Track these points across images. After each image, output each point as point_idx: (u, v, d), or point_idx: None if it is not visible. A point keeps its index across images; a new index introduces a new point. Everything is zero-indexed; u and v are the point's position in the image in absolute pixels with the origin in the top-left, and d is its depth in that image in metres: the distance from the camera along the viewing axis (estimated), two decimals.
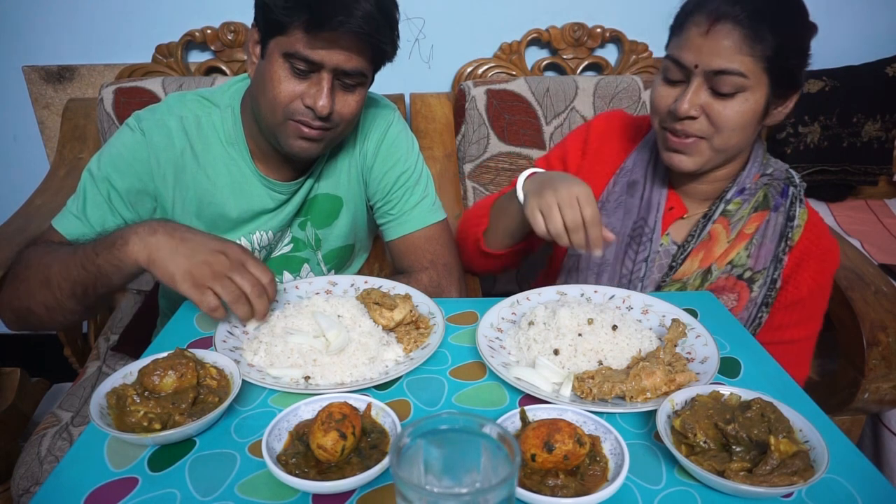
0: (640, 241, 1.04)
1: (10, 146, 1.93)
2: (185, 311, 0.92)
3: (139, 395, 0.67)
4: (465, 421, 0.49)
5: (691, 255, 1.03)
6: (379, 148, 1.12)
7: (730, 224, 1.02)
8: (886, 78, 1.89)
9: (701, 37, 0.88)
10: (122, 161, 1.00)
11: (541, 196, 0.87)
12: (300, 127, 0.94)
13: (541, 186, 0.89)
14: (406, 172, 1.13)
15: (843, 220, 1.89)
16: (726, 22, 0.86)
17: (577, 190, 0.85)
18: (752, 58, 0.87)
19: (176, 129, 1.02)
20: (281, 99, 0.92)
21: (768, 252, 1.02)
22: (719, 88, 0.89)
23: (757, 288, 1.02)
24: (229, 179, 1.05)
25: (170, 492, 0.59)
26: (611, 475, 0.59)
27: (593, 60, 1.86)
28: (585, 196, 0.85)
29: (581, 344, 0.78)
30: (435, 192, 1.18)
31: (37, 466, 1.13)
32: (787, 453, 0.59)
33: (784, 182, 1.04)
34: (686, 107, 0.90)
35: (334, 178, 1.12)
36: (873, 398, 1.26)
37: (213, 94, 1.07)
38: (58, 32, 1.79)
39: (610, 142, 1.12)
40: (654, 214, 1.04)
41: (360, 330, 0.82)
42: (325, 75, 0.91)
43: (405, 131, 1.16)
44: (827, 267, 1.03)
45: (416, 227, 1.13)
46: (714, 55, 0.88)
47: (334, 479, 0.57)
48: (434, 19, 1.83)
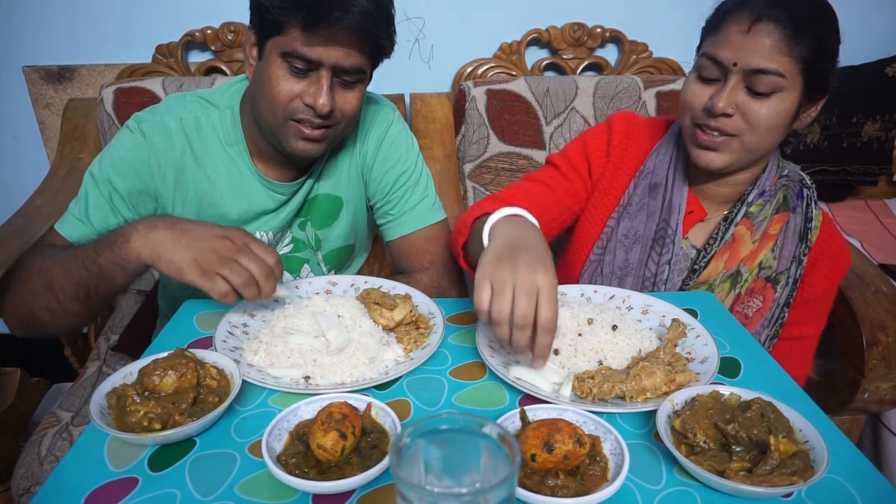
0: (664, 243, 1.04)
1: (10, 146, 1.93)
2: (185, 311, 0.92)
3: (139, 395, 0.67)
4: (465, 421, 0.49)
5: (715, 257, 1.03)
6: (379, 148, 1.12)
7: (753, 225, 1.03)
8: (886, 78, 1.89)
9: (741, 35, 0.88)
10: (123, 163, 1.00)
11: (497, 266, 0.71)
12: (301, 127, 0.94)
13: (503, 253, 0.73)
14: (406, 172, 1.13)
15: (843, 220, 1.89)
16: (768, 21, 0.87)
17: (540, 279, 0.69)
18: (790, 58, 0.87)
19: (176, 129, 1.02)
20: (281, 99, 0.92)
21: (789, 253, 1.03)
22: (756, 87, 0.89)
23: (780, 289, 1.04)
24: (229, 180, 1.05)
25: (170, 492, 0.59)
26: (611, 475, 0.59)
27: (593, 60, 1.86)
28: (548, 289, 0.69)
29: (581, 344, 0.78)
30: (435, 192, 1.18)
31: (37, 466, 1.13)
32: (787, 453, 0.59)
33: (799, 183, 1.06)
34: (723, 104, 0.90)
35: (334, 178, 1.12)
36: (873, 398, 1.26)
37: (212, 94, 1.07)
38: (58, 32, 1.79)
39: (632, 143, 1.11)
40: (676, 217, 1.04)
41: (360, 330, 0.82)
42: (325, 73, 0.91)
43: (405, 131, 1.16)
44: (840, 266, 1.06)
45: (415, 228, 1.13)
46: (754, 53, 0.87)
47: (334, 479, 0.57)
48: (434, 19, 1.83)
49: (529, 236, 0.77)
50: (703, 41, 0.96)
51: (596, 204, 1.12)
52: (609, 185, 1.11)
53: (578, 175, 1.11)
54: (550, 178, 1.11)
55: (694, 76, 0.96)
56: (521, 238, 0.76)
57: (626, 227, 1.07)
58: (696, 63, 0.96)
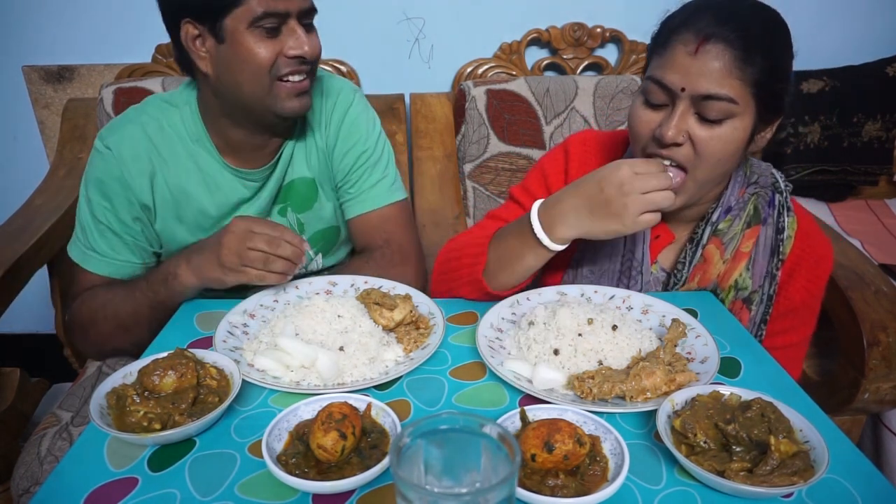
0: (630, 274, 1.00)
1: (10, 146, 1.93)
2: (185, 311, 0.92)
3: (139, 395, 0.67)
4: (465, 421, 0.49)
5: (688, 281, 0.99)
6: (340, 128, 1.13)
7: (723, 244, 0.98)
8: (886, 78, 1.89)
9: (688, 57, 0.81)
10: (103, 185, 1.03)
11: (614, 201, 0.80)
12: (289, 85, 0.96)
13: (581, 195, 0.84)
14: (366, 152, 1.14)
15: (843, 220, 1.89)
16: (717, 42, 0.80)
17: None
18: (741, 81, 0.81)
19: (140, 137, 1.03)
20: (264, 64, 0.93)
21: (762, 269, 0.98)
22: (706, 114, 0.82)
23: (754, 307, 0.99)
24: (200, 176, 1.06)
25: (170, 492, 0.59)
26: (611, 475, 0.59)
27: (593, 60, 1.86)
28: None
29: (581, 344, 0.78)
30: (396, 173, 1.19)
31: (37, 466, 1.12)
32: (787, 453, 0.59)
33: (770, 189, 0.99)
34: (672, 133, 0.83)
35: (304, 160, 1.13)
36: (873, 398, 1.26)
37: (171, 95, 1.09)
38: (58, 32, 1.79)
39: (588, 168, 1.03)
40: (641, 247, 0.99)
41: (360, 330, 0.82)
42: (293, 21, 0.94)
43: (366, 111, 1.17)
44: (819, 275, 0.99)
45: (372, 207, 1.14)
46: (702, 78, 0.81)
47: (334, 479, 0.57)
48: (434, 19, 1.83)
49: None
50: (650, 61, 0.89)
51: None
52: None
53: None
54: (514, 216, 1.04)
55: (641, 101, 0.89)
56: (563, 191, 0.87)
57: (590, 261, 1.03)
58: (642, 87, 0.88)
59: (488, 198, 1.76)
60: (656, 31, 0.89)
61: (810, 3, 1.87)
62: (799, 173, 1.93)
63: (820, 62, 1.89)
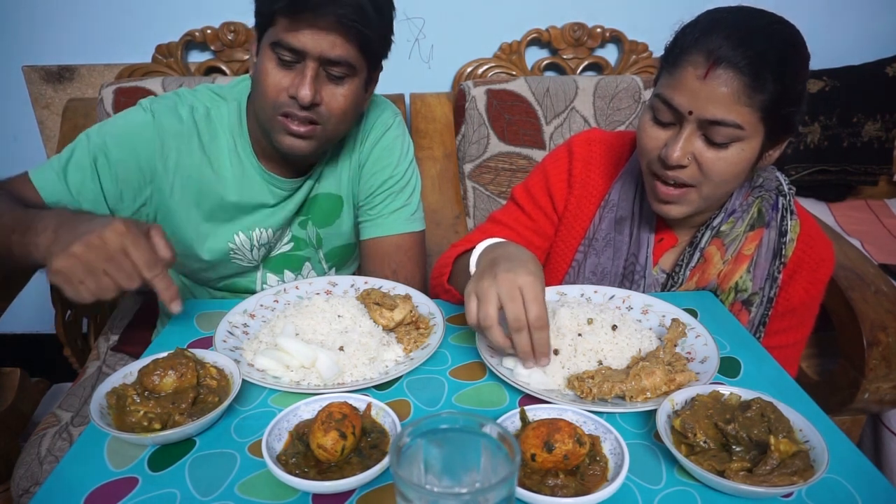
0: (633, 278, 1.01)
1: (10, 146, 1.93)
2: (185, 310, 0.92)
3: (139, 395, 0.67)
4: (465, 421, 0.50)
5: (686, 281, 1.00)
6: (373, 149, 1.12)
7: (724, 245, 0.98)
8: (886, 78, 1.89)
9: (697, 80, 0.81)
10: (126, 135, 1.00)
11: (479, 280, 0.73)
12: (287, 122, 0.94)
13: (485, 269, 0.75)
14: (393, 177, 1.13)
15: (843, 220, 1.89)
16: (727, 68, 0.79)
17: (521, 280, 0.70)
18: (749, 108, 0.80)
19: (186, 116, 1.03)
20: (269, 92, 0.92)
21: (763, 271, 0.98)
22: (713, 138, 0.83)
23: (754, 309, 0.99)
24: (232, 171, 1.05)
25: (170, 492, 0.59)
26: (611, 475, 0.59)
27: (593, 60, 1.86)
28: (530, 288, 0.70)
29: (581, 344, 0.78)
30: (419, 204, 1.17)
31: (37, 466, 1.13)
32: (787, 453, 0.59)
33: (775, 192, 1.00)
34: (678, 155, 0.84)
35: (335, 177, 1.12)
36: (873, 398, 1.26)
37: (222, 88, 1.08)
38: (58, 32, 1.79)
39: (594, 171, 1.05)
40: (645, 250, 1.00)
41: (360, 330, 0.82)
42: (310, 63, 0.90)
43: (402, 136, 1.16)
44: (819, 277, 1.00)
45: (388, 233, 1.13)
46: (710, 103, 0.80)
47: (334, 479, 0.57)
48: (434, 19, 1.83)
49: (509, 248, 0.79)
50: (661, 75, 0.88)
51: (563, 237, 1.08)
52: (574, 218, 1.06)
53: (542, 212, 1.07)
54: (516, 221, 1.08)
55: (649, 116, 0.89)
56: (502, 252, 0.78)
57: (592, 263, 1.03)
58: (651, 103, 0.88)
59: (488, 198, 1.76)
60: (669, 43, 0.87)
61: (810, 4, 1.88)
62: (799, 173, 1.93)
63: (820, 62, 1.88)
